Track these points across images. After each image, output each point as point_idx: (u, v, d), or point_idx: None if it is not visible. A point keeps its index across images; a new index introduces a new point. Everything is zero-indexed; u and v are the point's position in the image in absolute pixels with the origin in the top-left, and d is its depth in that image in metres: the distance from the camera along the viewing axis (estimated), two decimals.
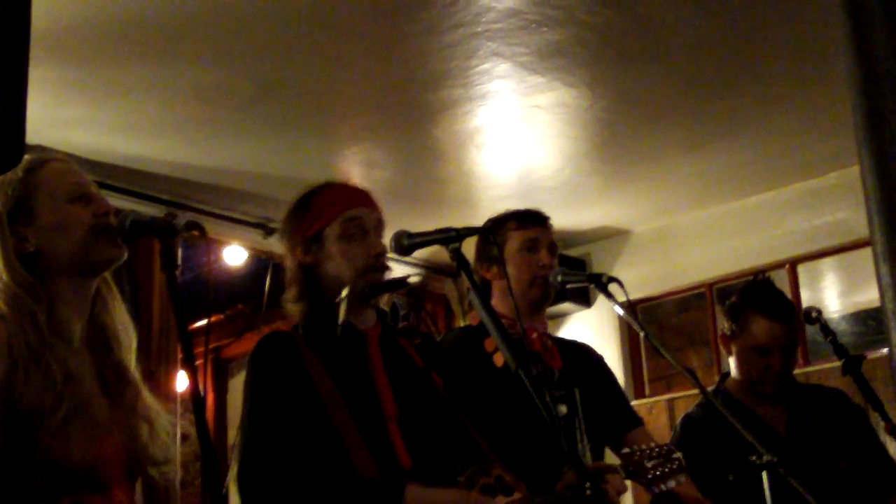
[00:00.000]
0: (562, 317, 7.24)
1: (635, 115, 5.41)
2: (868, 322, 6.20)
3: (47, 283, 1.92)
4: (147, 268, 5.52)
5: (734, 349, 3.21)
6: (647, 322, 6.99)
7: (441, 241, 2.16)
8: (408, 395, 2.37)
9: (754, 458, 2.39)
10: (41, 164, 2.00)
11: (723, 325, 3.25)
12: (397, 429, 2.30)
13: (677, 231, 6.98)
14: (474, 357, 2.83)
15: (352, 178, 2.63)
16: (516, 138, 5.61)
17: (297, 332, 2.41)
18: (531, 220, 2.97)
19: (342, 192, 2.50)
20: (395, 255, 2.38)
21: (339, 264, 2.40)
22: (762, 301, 3.16)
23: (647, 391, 7.11)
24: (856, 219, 5.85)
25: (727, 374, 3.29)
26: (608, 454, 2.97)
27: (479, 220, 3.06)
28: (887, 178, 1.26)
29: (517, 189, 6.17)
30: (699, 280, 6.89)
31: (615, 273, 4.80)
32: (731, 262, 6.66)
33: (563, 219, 6.47)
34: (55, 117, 4.90)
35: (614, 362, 6.52)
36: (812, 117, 5.48)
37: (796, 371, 3.30)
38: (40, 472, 1.74)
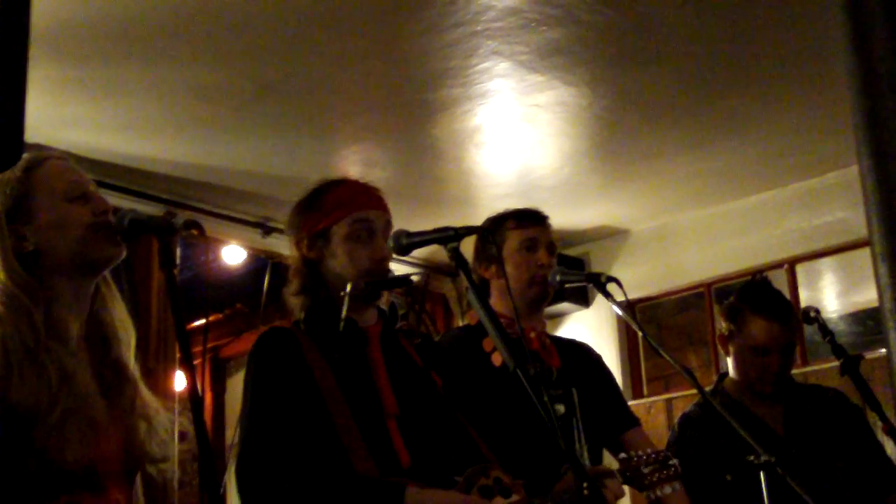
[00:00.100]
0: (560, 316, 7.24)
1: (635, 115, 5.41)
2: (866, 322, 6.19)
3: (46, 283, 1.92)
4: (145, 267, 5.52)
5: (732, 349, 3.21)
6: (645, 322, 6.99)
7: (440, 241, 2.16)
8: (408, 393, 2.38)
9: (752, 458, 2.39)
10: (39, 162, 2.00)
11: (721, 326, 3.26)
12: (397, 427, 2.30)
13: (676, 231, 6.97)
14: (473, 356, 2.83)
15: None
16: (516, 137, 5.61)
17: (298, 328, 2.41)
18: (530, 219, 2.97)
19: (354, 192, 2.49)
20: (394, 255, 2.39)
21: (342, 263, 2.41)
22: (760, 301, 3.16)
23: (645, 391, 7.10)
24: (855, 219, 5.85)
25: (725, 374, 3.29)
26: (606, 454, 2.98)
27: (478, 219, 3.06)
28: (886, 179, 1.26)
29: (516, 188, 6.16)
30: (698, 280, 6.88)
31: (614, 273, 4.79)
32: (729, 262, 6.66)
33: (562, 218, 6.45)
34: (54, 116, 4.90)
35: (613, 362, 6.52)
36: (811, 117, 5.48)
37: (794, 371, 3.30)
38: (36, 472, 1.74)
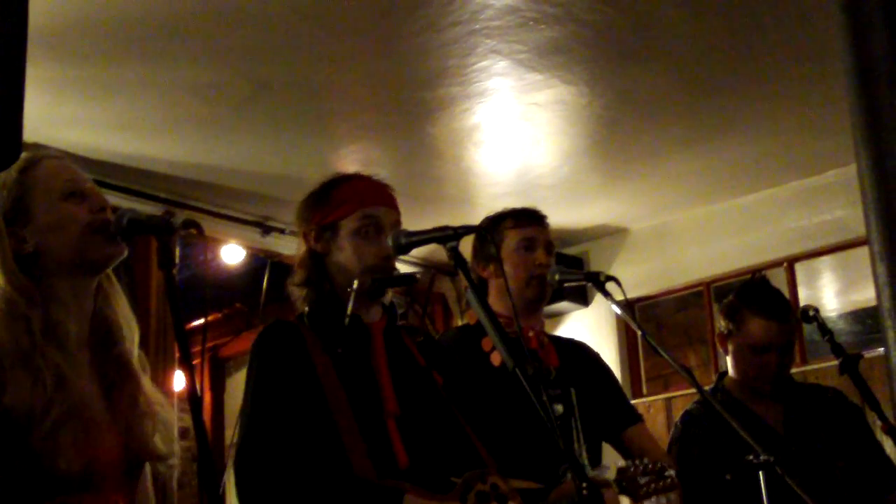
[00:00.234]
0: (559, 315, 7.23)
1: (634, 113, 5.41)
2: (866, 321, 6.19)
3: (47, 283, 1.91)
4: (144, 266, 5.52)
5: (731, 348, 3.21)
6: (644, 321, 6.98)
7: (438, 240, 2.15)
8: (409, 392, 2.37)
9: (751, 457, 2.39)
10: (35, 163, 1.99)
11: (720, 324, 3.25)
12: (396, 427, 2.29)
13: (675, 229, 6.97)
14: (471, 356, 2.82)
15: None
16: (514, 136, 5.60)
17: (302, 321, 2.40)
18: (528, 218, 2.96)
19: (366, 188, 2.49)
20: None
21: (348, 258, 2.41)
22: (759, 300, 3.16)
23: (644, 390, 7.10)
24: (853, 217, 5.84)
25: (725, 373, 3.29)
26: (606, 452, 2.98)
27: (477, 218, 3.06)
28: (884, 177, 1.26)
29: (515, 187, 6.16)
30: (697, 278, 6.88)
31: (613, 271, 4.79)
32: (728, 261, 6.66)
33: (561, 217, 6.47)
34: (53, 115, 4.89)
35: (612, 361, 6.50)
36: (810, 116, 5.48)
37: (793, 370, 3.30)
38: (30, 476, 1.74)
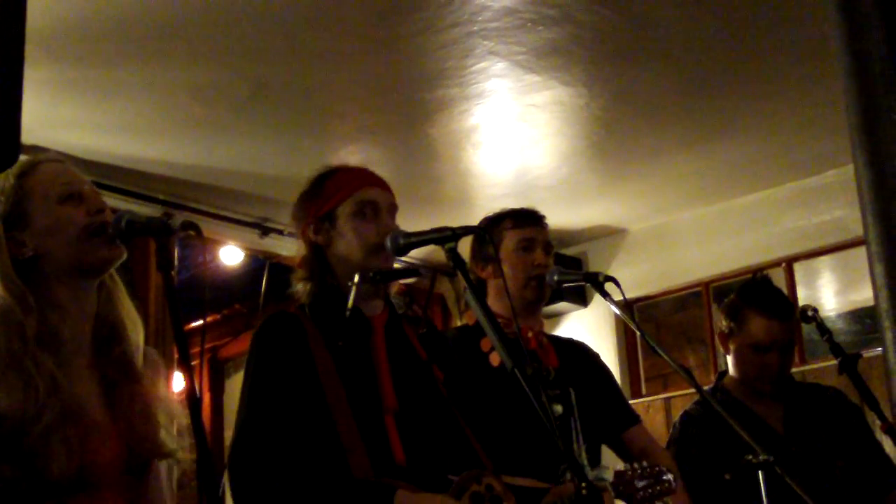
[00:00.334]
0: (558, 316, 7.24)
1: (632, 114, 5.41)
2: (864, 321, 6.19)
3: (45, 288, 1.92)
4: (143, 268, 5.52)
5: (732, 347, 3.21)
6: (643, 321, 6.99)
7: (437, 241, 2.15)
8: (408, 388, 2.35)
9: (750, 457, 2.39)
10: (33, 167, 1.99)
11: (721, 323, 3.25)
12: (394, 423, 2.27)
13: (674, 230, 6.97)
14: (471, 357, 2.82)
15: None
16: (513, 137, 5.61)
17: (303, 312, 2.38)
18: (527, 219, 2.97)
19: (357, 174, 2.49)
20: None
21: (349, 243, 2.38)
22: (761, 299, 3.16)
23: (643, 390, 7.10)
24: (852, 217, 5.85)
25: (724, 373, 3.29)
26: (603, 452, 2.98)
27: (475, 219, 3.06)
28: (882, 178, 1.26)
29: (514, 188, 6.16)
30: (696, 279, 6.89)
31: (612, 272, 4.80)
32: (727, 261, 6.66)
33: (560, 217, 6.48)
34: (51, 117, 4.89)
35: (611, 361, 6.52)
36: (808, 116, 5.48)
37: (792, 370, 3.30)
38: (23, 481, 1.74)
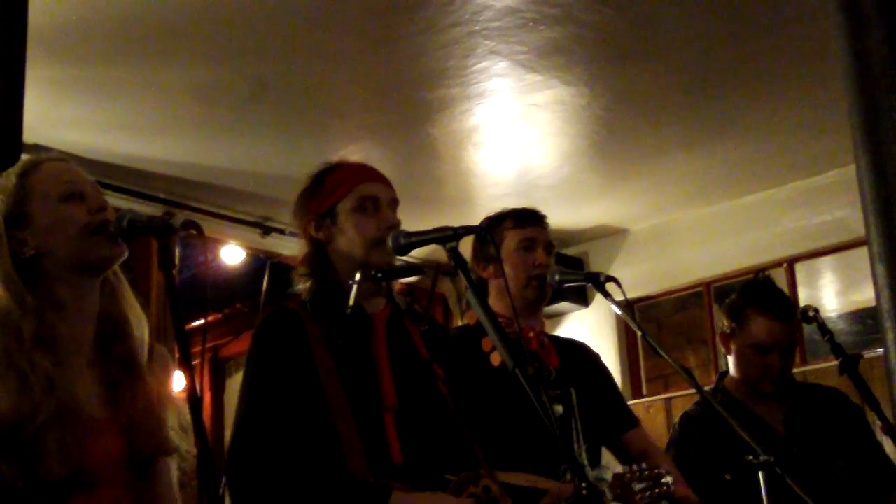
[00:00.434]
0: (559, 316, 7.23)
1: (633, 114, 5.41)
2: (866, 321, 6.18)
3: (46, 286, 1.92)
4: (144, 267, 5.51)
5: (733, 348, 3.20)
6: (644, 321, 6.98)
7: (438, 241, 2.14)
8: (408, 386, 2.34)
9: (751, 457, 2.39)
10: (35, 166, 2.00)
11: (722, 324, 3.25)
12: (393, 421, 2.27)
13: (675, 230, 6.97)
14: (471, 356, 2.82)
15: None
16: (514, 137, 5.60)
17: (305, 309, 2.36)
18: (528, 219, 2.97)
19: (357, 169, 2.50)
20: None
21: (350, 238, 2.37)
22: (762, 300, 3.16)
23: (644, 390, 7.09)
24: (854, 217, 5.84)
25: (725, 373, 3.29)
26: (603, 452, 2.98)
27: (477, 218, 3.06)
28: (883, 178, 1.26)
29: (515, 187, 6.16)
30: (697, 279, 6.88)
31: (613, 272, 4.81)
32: (728, 261, 6.65)
33: (561, 217, 6.47)
34: (52, 116, 4.89)
35: (612, 361, 6.52)
36: (810, 116, 5.47)
37: (794, 370, 3.30)
38: (17, 481, 1.74)
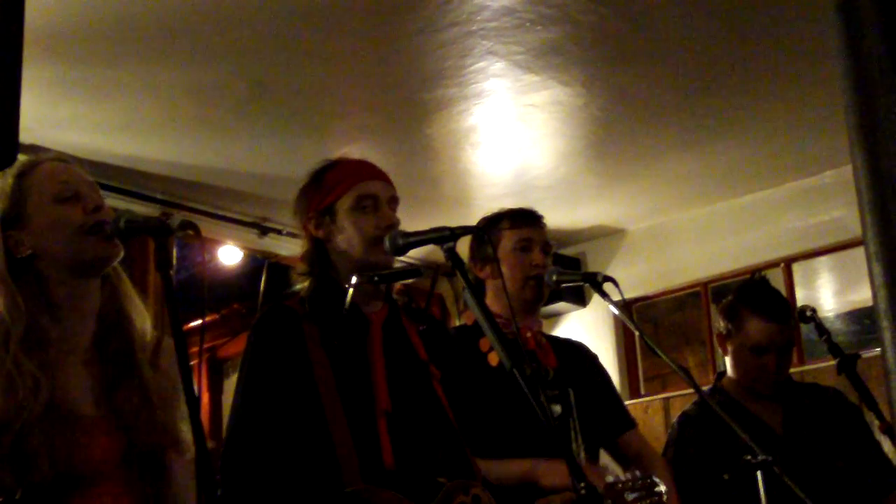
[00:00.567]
0: (557, 316, 7.23)
1: (630, 114, 5.41)
2: (863, 321, 6.18)
3: (43, 287, 1.92)
4: (142, 267, 5.51)
5: (730, 348, 3.21)
6: (642, 321, 6.98)
7: (436, 241, 2.15)
8: (403, 389, 2.33)
9: (749, 457, 2.39)
10: (32, 167, 2.01)
11: (719, 325, 3.25)
12: (386, 425, 2.26)
13: (672, 230, 6.97)
14: (469, 357, 2.82)
15: None
16: (511, 137, 5.60)
17: (302, 307, 2.36)
18: (525, 219, 2.97)
19: (356, 167, 2.49)
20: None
21: (349, 236, 2.37)
22: (758, 301, 3.16)
23: (642, 390, 7.09)
24: (851, 217, 5.84)
25: (723, 373, 3.29)
26: (602, 452, 2.98)
27: (474, 219, 3.06)
28: (880, 178, 1.26)
29: (512, 188, 6.16)
30: (694, 279, 6.88)
31: (610, 272, 4.77)
32: (726, 261, 6.66)
33: (558, 217, 6.47)
34: (49, 117, 4.89)
35: (609, 361, 6.52)
36: (807, 116, 5.48)
37: (791, 370, 3.30)
38: (10, 480, 1.74)
